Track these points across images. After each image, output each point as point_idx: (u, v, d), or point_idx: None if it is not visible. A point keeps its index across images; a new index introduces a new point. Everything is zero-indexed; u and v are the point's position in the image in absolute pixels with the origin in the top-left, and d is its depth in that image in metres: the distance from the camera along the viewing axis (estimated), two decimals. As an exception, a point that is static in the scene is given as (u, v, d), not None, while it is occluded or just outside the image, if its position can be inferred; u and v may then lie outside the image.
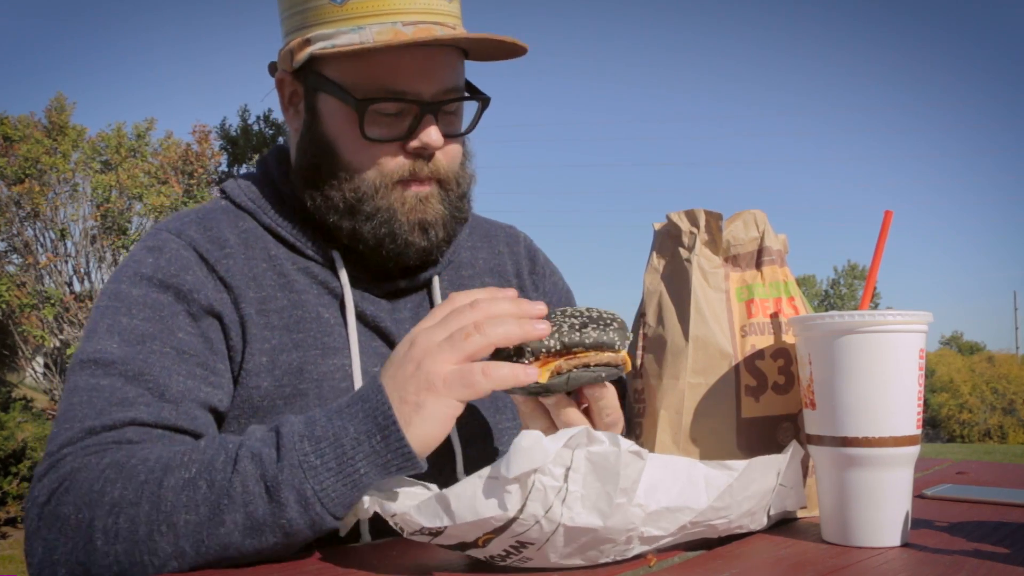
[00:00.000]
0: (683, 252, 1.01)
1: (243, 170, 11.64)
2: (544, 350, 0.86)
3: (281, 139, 12.18)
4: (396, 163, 1.04)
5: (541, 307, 0.86)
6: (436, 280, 1.16)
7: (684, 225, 1.01)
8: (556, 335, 0.87)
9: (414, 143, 1.03)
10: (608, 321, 0.90)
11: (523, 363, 0.85)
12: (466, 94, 1.09)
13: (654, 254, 1.05)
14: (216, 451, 0.80)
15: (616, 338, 0.89)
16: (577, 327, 0.88)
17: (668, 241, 1.04)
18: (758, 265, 1.01)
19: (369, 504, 0.77)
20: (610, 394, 0.91)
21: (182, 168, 9.43)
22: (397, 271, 1.11)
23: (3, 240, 8.76)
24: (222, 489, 0.77)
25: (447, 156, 1.07)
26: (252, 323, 1.02)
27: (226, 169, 11.56)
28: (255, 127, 12.50)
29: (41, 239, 8.71)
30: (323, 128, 1.06)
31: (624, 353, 0.90)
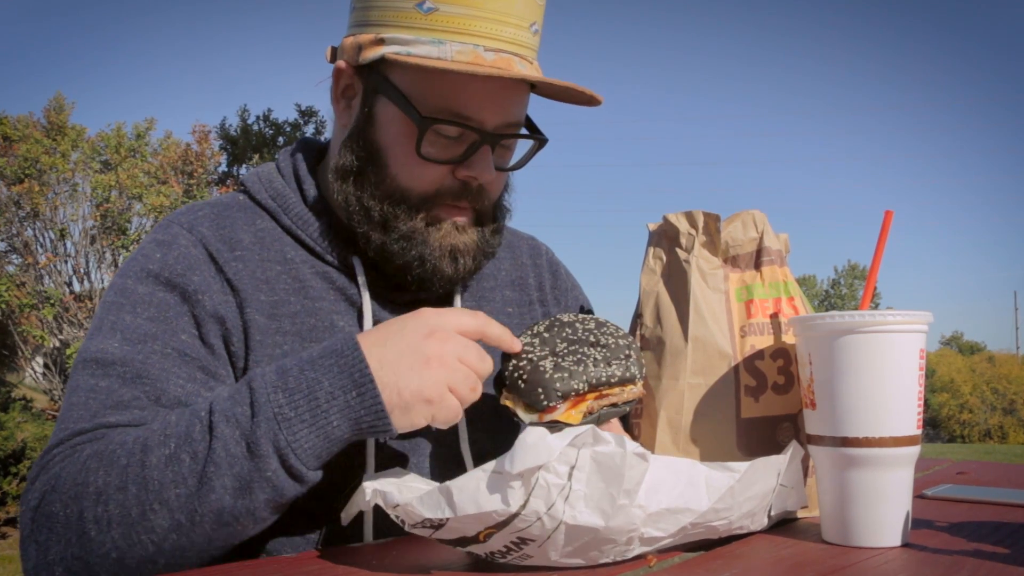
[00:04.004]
0: (681, 253, 1.01)
1: (243, 170, 11.64)
2: (573, 393, 0.87)
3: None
4: (442, 185, 1.01)
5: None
6: (458, 296, 1.14)
7: (682, 226, 1.01)
8: (583, 376, 0.88)
9: (466, 171, 1.00)
10: (625, 349, 0.92)
11: (553, 406, 0.87)
12: (525, 130, 1.08)
13: (650, 255, 1.05)
14: (190, 422, 0.82)
15: (637, 372, 0.92)
16: (601, 362, 0.89)
17: (665, 242, 1.04)
18: (757, 265, 1.01)
19: (371, 496, 0.77)
20: (616, 423, 0.96)
21: (182, 168, 9.43)
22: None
23: (3, 240, 8.77)
24: (205, 458, 0.79)
25: (492, 187, 1.04)
26: (258, 328, 0.99)
27: (226, 169, 11.57)
28: (255, 127, 12.50)
29: (41, 239, 8.71)
30: (376, 133, 1.02)
31: (641, 384, 0.94)
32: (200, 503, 0.78)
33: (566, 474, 0.71)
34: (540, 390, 0.87)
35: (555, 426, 0.87)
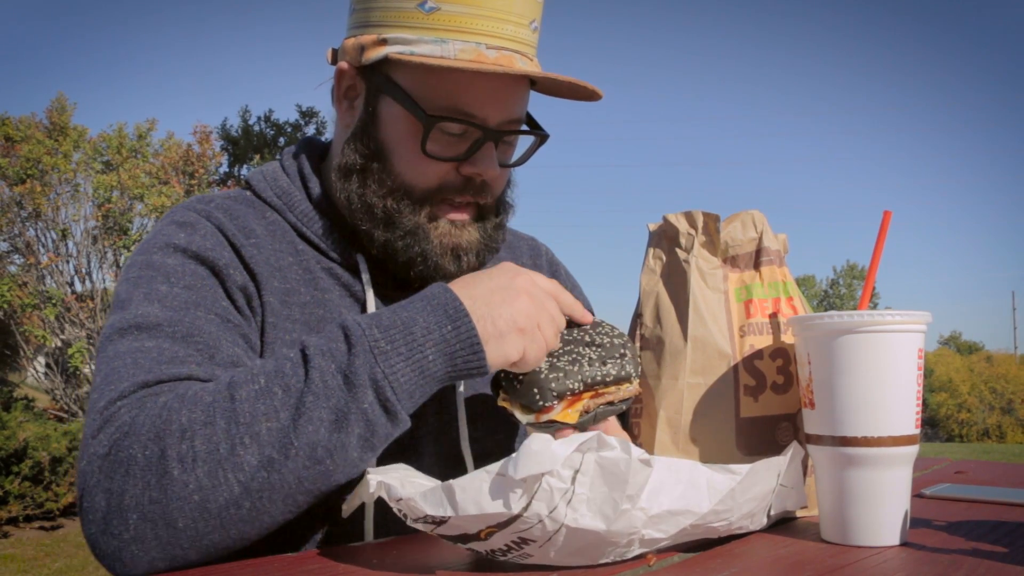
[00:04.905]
0: (681, 253, 1.01)
1: (244, 170, 11.65)
2: (569, 392, 0.88)
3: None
4: (446, 182, 1.02)
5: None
6: None
7: (682, 226, 1.02)
8: (579, 375, 0.88)
9: (470, 168, 1.01)
10: (620, 348, 0.92)
11: (549, 406, 0.87)
12: (526, 127, 1.08)
13: (650, 255, 1.05)
14: (279, 361, 0.81)
15: (632, 371, 0.92)
16: (596, 361, 0.90)
17: (665, 242, 1.04)
18: (756, 265, 1.01)
19: (375, 488, 0.77)
20: (615, 423, 0.96)
21: (183, 168, 9.44)
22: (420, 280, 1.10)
23: (5, 240, 8.77)
24: (301, 390, 0.78)
25: (495, 183, 1.05)
26: (273, 312, 1.00)
27: (227, 169, 11.58)
28: (256, 127, 12.52)
29: (43, 239, 8.72)
30: (380, 132, 1.03)
31: (637, 382, 0.94)
32: (296, 435, 0.77)
33: (570, 478, 0.71)
34: (536, 390, 0.87)
35: (552, 426, 0.87)
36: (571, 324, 0.97)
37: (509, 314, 0.84)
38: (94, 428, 0.81)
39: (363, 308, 1.07)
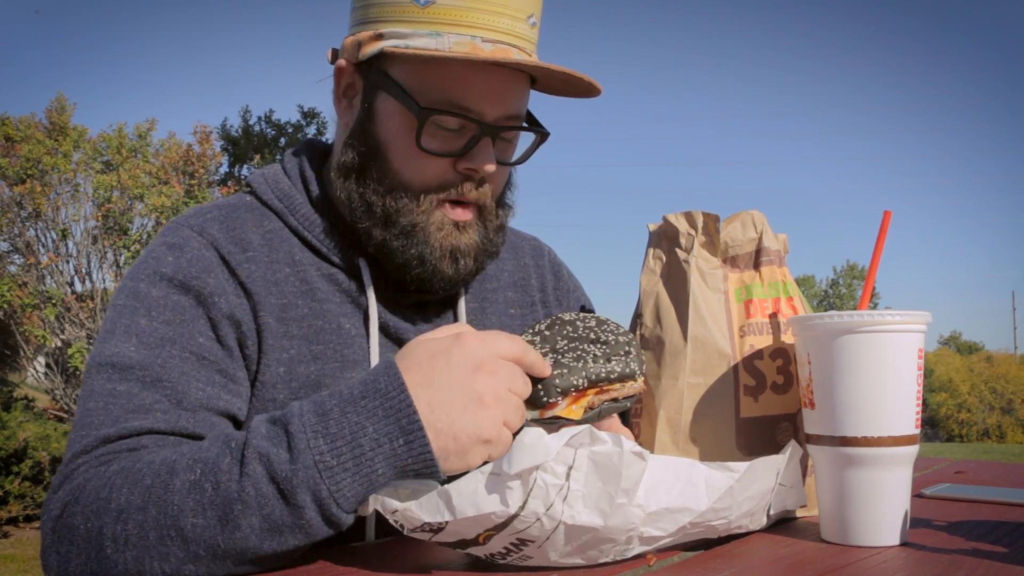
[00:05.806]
0: (680, 253, 1.01)
1: (244, 171, 11.66)
2: (573, 389, 0.88)
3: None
4: (444, 179, 1.01)
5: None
6: (463, 297, 1.14)
7: (682, 226, 1.02)
8: (583, 372, 0.88)
9: (466, 164, 1.00)
10: (625, 346, 0.92)
11: (553, 402, 0.87)
12: (526, 124, 1.07)
13: (650, 255, 1.05)
14: (220, 451, 0.78)
15: (637, 368, 0.92)
16: (601, 358, 0.90)
17: (665, 242, 1.04)
18: (756, 266, 1.01)
19: (371, 502, 0.77)
20: (618, 420, 0.95)
21: (183, 168, 9.43)
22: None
23: (5, 240, 8.77)
24: (231, 493, 0.75)
25: (494, 182, 1.04)
26: (271, 332, 0.99)
27: (227, 170, 11.58)
28: (256, 127, 12.52)
29: (43, 239, 8.71)
30: (377, 128, 1.02)
31: (642, 380, 0.93)
32: (223, 539, 0.75)
33: (564, 474, 0.71)
34: (540, 387, 0.87)
35: (555, 422, 0.87)
36: (576, 321, 0.97)
37: (472, 427, 0.77)
38: (57, 481, 0.85)
39: (365, 314, 1.06)
